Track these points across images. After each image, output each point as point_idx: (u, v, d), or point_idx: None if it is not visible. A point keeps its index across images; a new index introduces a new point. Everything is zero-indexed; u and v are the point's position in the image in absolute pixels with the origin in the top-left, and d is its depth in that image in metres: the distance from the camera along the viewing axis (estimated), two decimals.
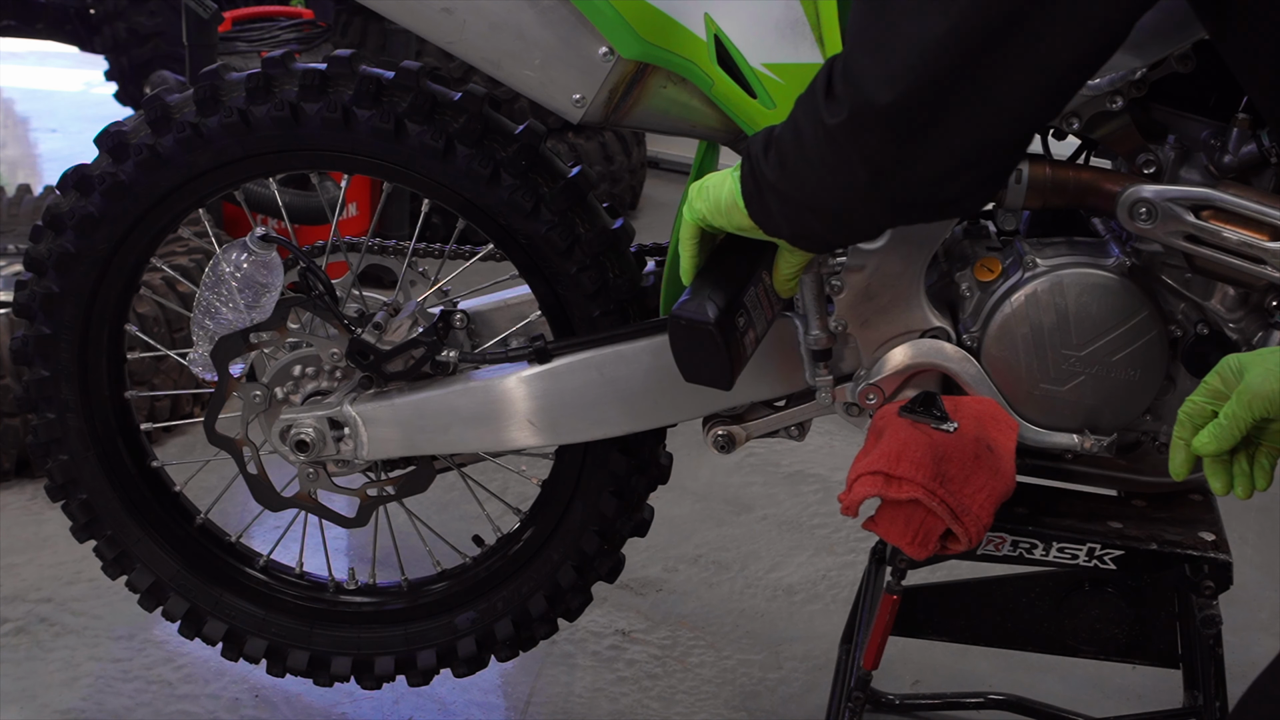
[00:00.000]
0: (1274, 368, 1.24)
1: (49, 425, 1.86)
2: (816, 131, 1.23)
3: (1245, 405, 1.24)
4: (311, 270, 1.73)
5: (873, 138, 1.20)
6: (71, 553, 2.28)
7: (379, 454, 1.76)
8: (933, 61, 1.15)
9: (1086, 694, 2.16)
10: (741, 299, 1.42)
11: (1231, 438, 1.26)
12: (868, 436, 1.55)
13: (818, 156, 1.25)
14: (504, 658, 1.92)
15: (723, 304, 1.39)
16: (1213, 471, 1.31)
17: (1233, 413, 1.25)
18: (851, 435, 1.72)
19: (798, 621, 2.37)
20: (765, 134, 1.35)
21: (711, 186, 1.40)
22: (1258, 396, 1.24)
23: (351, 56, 1.67)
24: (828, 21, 1.48)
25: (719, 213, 1.40)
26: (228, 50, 3.98)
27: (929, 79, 1.16)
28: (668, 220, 1.58)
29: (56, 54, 5.77)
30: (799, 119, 1.27)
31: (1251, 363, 1.26)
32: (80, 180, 1.74)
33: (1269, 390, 1.23)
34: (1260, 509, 2.69)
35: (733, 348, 1.41)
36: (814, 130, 1.24)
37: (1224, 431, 1.27)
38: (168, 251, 2.86)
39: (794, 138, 1.27)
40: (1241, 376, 1.26)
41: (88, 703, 2.08)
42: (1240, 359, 1.27)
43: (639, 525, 1.87)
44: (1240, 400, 1.25)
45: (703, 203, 1.41)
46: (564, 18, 1.54)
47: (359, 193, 3.72)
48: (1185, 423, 1.31)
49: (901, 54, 1.15)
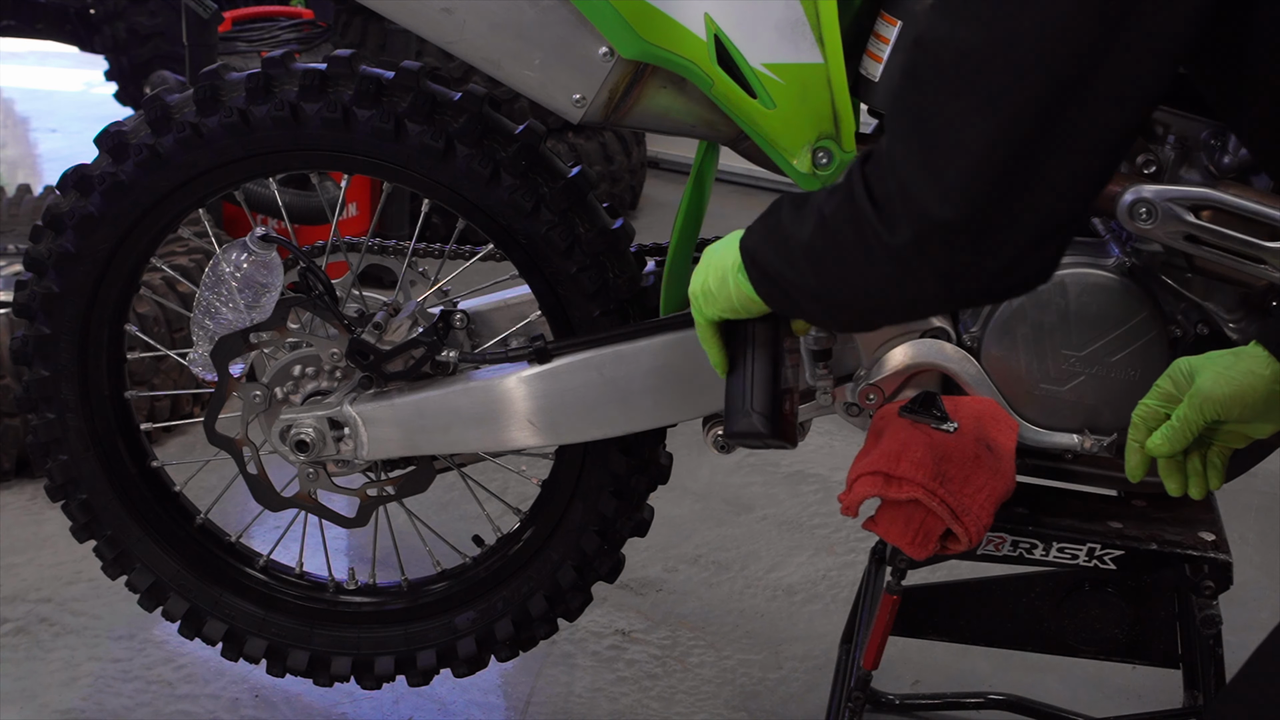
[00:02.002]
0: (1223, 371, 1.29)
1: (49, 425, 1.86)
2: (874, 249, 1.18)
3: (1197, 408, 1.29)
4: (311, 270, 1.72)
5: (943, 252, 1.15)
6: (71, 553, 2.28)
7: (379, 454, 1.76)
8: (991, 165, 1.11)
9: (1086, 694, 2.16)
10: (779, 383, 1.43)
11: (1184, 439, 1.31)
12: (868, 436, 1.55)
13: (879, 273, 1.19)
14: (504, 658, 1.92)
15: (767, 406, 1.41)
16: (1167, 472, 1.36)
17: (1185, 415, 1.30)
18: (851, 435, 1.72)
19: (798, 621, 2.37)
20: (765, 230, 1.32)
21: (715, 288, 1.38)
22: (1209, 400, 1.29)
23: (351, 56, 1.67)
24: (827, 21, 1.48)
25: (734, 309, 1.39)
26: (228, 50, 3.99)
27: (991, 183, 1.11)
28: (668, 220, 1.58)
29: (56, 54, 5.77)
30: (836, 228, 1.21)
31: (1202, 366, 1.31)
32: (80, 180, 1.74)
33: (1220, 394, 1.28)
34: (1260, 509, 2.69)
35: (786, 428, 1.44)
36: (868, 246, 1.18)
37: (1176, 434, 1.31)
38: (168, 251, 2.86)
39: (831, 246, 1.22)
40: (1193, 380, 1.31)
41: (88, 703, 2.08)
42: (1191, 362, 1.32)
43: (639, 525, 1.87)
44: (1192, 403, 1.29)
45: (713, 306, 1.40)
46: (564, 18, 1.54)
47: (359, 193, 3.72)
48: (1139, 425, 1.35)
49: (958, 165, 1.11)
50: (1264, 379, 1.28)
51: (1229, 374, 1.28)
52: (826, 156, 1.53)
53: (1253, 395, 1.28)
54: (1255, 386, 1.28)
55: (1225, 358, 1.30)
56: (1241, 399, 1.28)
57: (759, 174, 4.47)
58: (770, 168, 1.63)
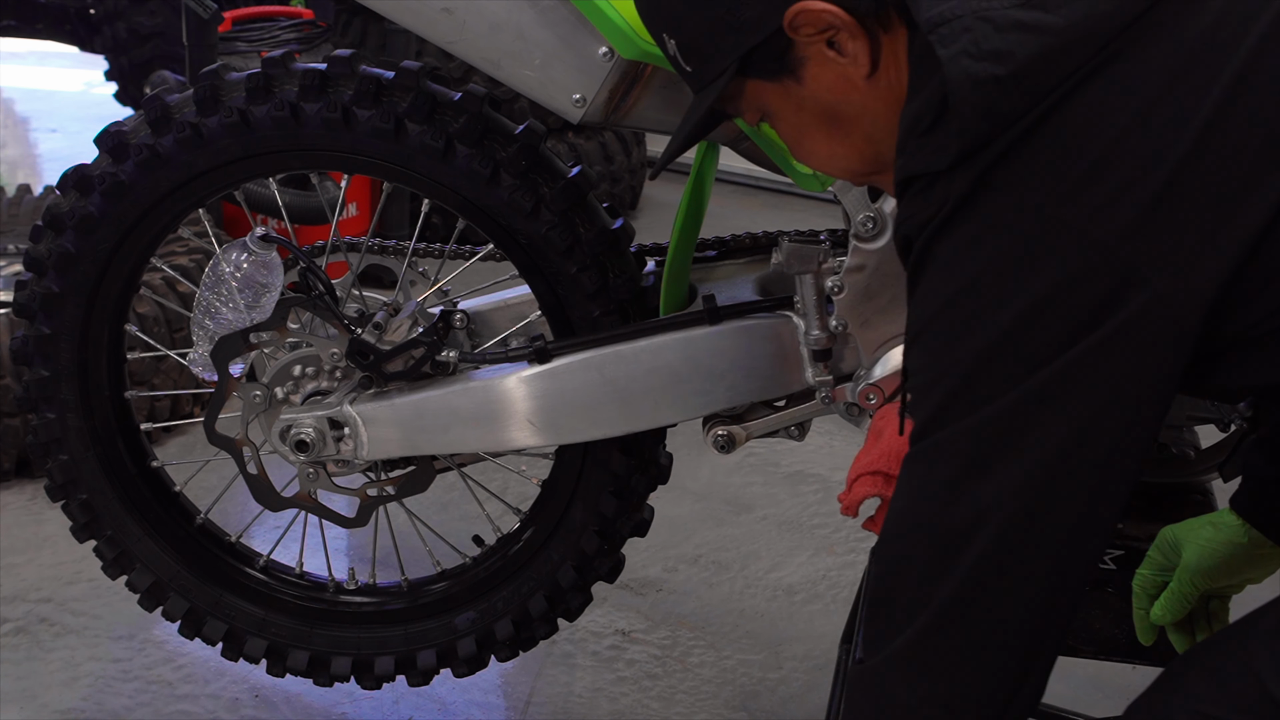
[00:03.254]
0: (1205, 545, 1.34)
1: (49, 425, 1.86)
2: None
3: (1188, 583, 1.35)
4: (311, 270, 1.72)
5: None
6: (71, 553, 2.28)
7: (379, 454, 1.76)
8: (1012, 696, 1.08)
9: (1086, 694, 2.16)
10: None
11: (1182, 609, 1.36)
12: (868, 436, 1.55)
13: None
14: (504, 658, 1.92)
15: None
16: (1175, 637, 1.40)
17: (1179, 591, 1.36)
18: (851, 435, 1.72)
19: (798, 621, 2.37)
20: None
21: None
22: (1198, 574, 1.34)
23: (351, 56, 1.67)
24: None
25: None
26: (228, 50, 3.99)
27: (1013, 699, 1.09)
28: (668, 220, 1.58)
29: (56, 54, 5.78)
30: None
31: (1185, 538, 1.36)
32: (80, 180, 1.74)
33: (1206, 567, 1.34)
34: None
35: None
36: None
37: (1176, 604, 1.36)
38: (168, 251, 2.86)
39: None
40: (1179, 553, 1.36)
41: (88, 703, 2.08)
42: (1175, 533, 1.37)
43: (639, 525, 1.87)
44: (1182, 579, 1.35)
45: None
46: (564, 18, 1.54)
47: (359, 193, 3.72)
48: (1140, 595, 1.41)
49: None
50: (1244, 547, 1.33)
51: (1211, 548, 1.33)
52: None
53: (1237, 562, 1.33)
54: (1237, 555, 1.33)
55: (1206, 530, 1.34)
56: (1228, 568, 1.33)
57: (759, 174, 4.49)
58: (770, 168, 1.63)
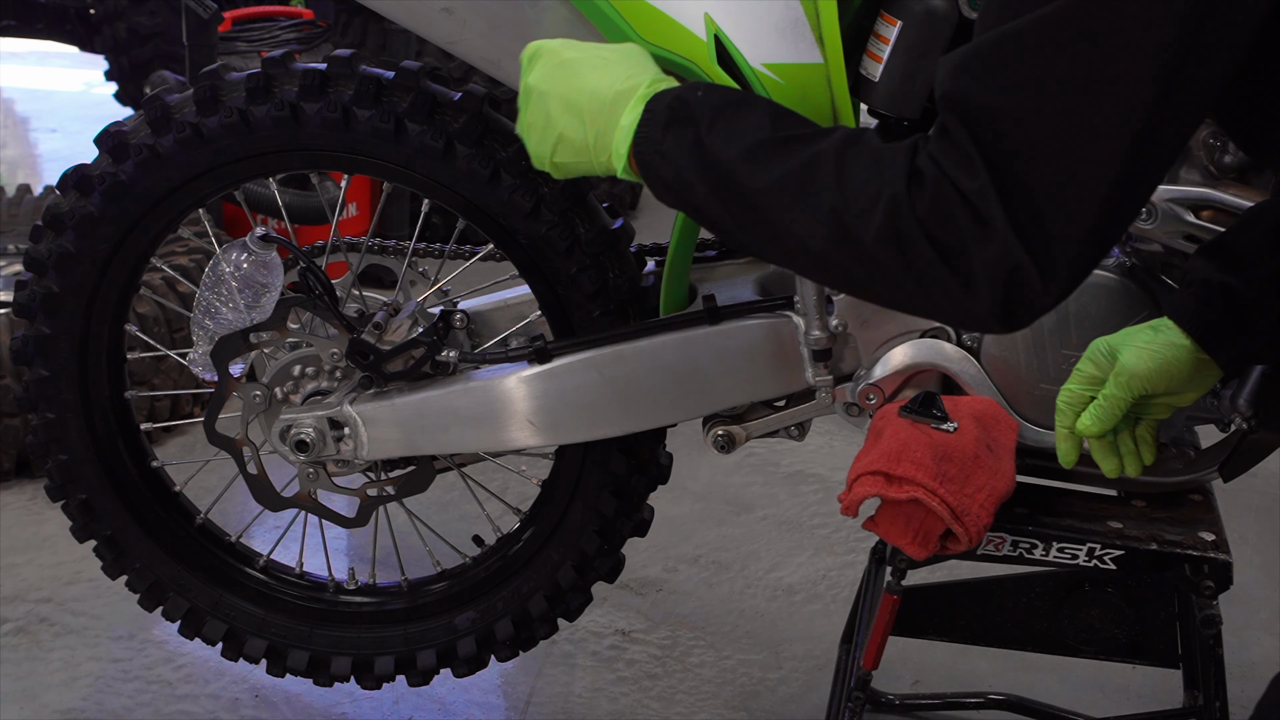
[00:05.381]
0: (1145, 346, 1.28)
1: (49, 425, 1.86)
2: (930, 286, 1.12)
3: (1124, 385, 1.29)
4: (311, 270, 1.72)
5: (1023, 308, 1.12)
6: (71, 553, 2.27)
7: (379, 454, 1.76)
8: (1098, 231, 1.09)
9: (1086, 694, 2.16)
10: None
11: (1112, 418, 1.30)
12: (868, 436, 1.55)
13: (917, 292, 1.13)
14: (504, 658, 1.92)
15: None
16: (1101, 454, 1.35)
17: (1111, 394, 1.29)
18: (851, 435, 1.72)
19: (798, 621, 2.37)
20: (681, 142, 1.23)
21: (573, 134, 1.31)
22: (1135, 376, 1.28)
23: (351, 56, 1.67)
24: (827, 21, 1.48)
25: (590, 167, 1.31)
26: (228, 50, 3.99)
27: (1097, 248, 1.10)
28: (668, 220, 1.57)
29: (56, 54, 5.77)
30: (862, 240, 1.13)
31: (1122, 343, 1.30)
32: (80, 180, 1.74)
33: (1145, 369, 1.27)
34: (1260, 509, 2.69)
35: None
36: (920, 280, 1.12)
37: (1104, 412, 1.30)
38: (168, 251, 2.86)
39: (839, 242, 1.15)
40: (1114, 358, 1.30)
41: (88, 703, 2.08)
42: (1109, 341, 1.31)
43: (639, 525, 1.87)
44: (1118, 381, 1.28)
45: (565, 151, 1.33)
46: (564, 18, 1.54)
47: (359, 193, 3.72)
48: (1065, 411, 1.34)
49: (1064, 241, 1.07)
50: (1186, 349, 1.28)
51: (1151, 349, 1.28)
52: None
53: (1177, 366, 1.28)
54: (1179, 358, 1.28)
55: (1144, 333, 1.29)
56: (1166, 372, 1.28)
57: None
58: None
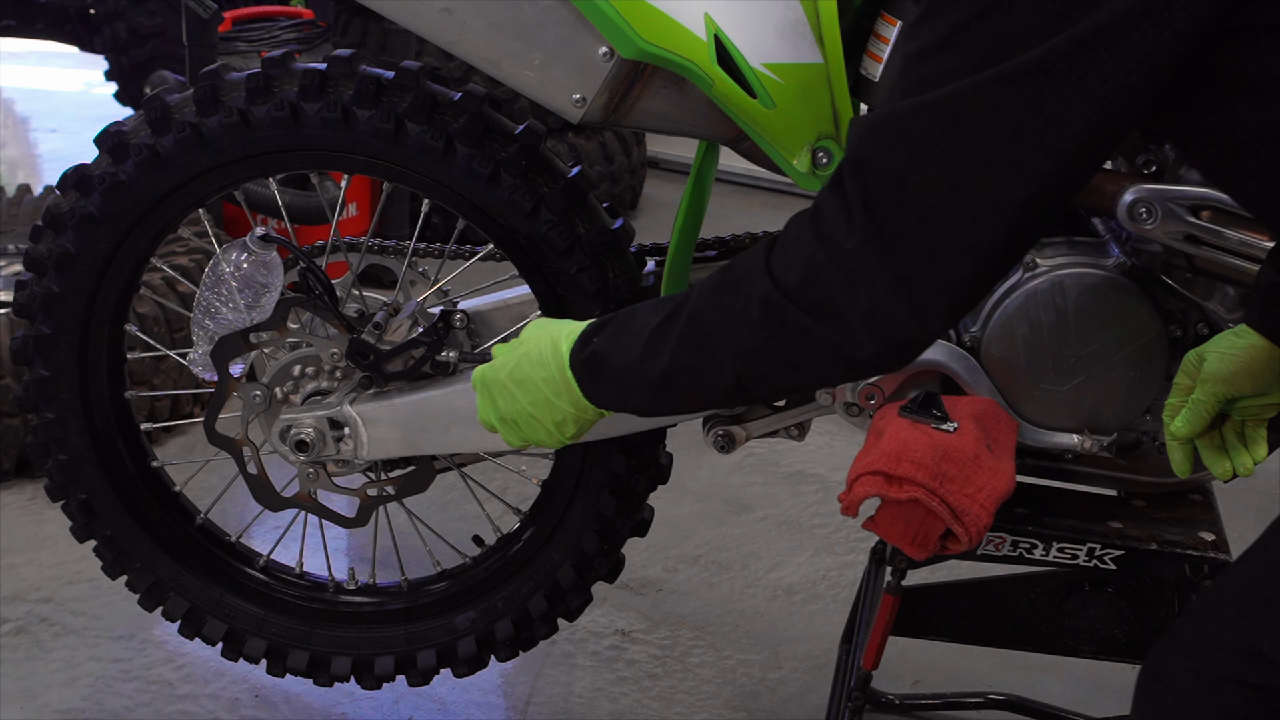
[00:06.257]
0: (1227, 350, 1.34)
1: (49, 425, 1.86)
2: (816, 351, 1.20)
3: (1208, 391, 1.35)
4: (311, 270, 1.72)
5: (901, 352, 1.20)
6: (71, 553, 2.27)
7: (379, 454, 1.76)
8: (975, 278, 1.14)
9: (1086, 694, 2.16)
10: None
11: (1201, 420, 1.36)
12: (868, 436, 1.55)
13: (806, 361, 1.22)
14: (504, 658, 1.92)
15: None
16: (1210, 459, 1.40)
17: (1197, 399, 1.36)
18: (851, 435, 1.72)
19: (798, 621, 2.37)
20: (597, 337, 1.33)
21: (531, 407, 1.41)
22: (1216, 379, 1.34)
23: (351, 56, 1.67)
24: (828, 21, 1.48)
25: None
26: (228, 50, 3.99)
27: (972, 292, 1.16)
28: (668, 220, 1.58)
29: (56, 54, 5.77)
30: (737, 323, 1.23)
31: (1208, 350, 1.36)
32: (80, 180, 1.74)
33: (1226, 371, 1.33)
34: (1260, 509, 2.69)
35: None
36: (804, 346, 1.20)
37: (1194, 414, 1.36)
38: (168, 251, 2.86)
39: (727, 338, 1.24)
40: (1202, 365, 1.36)
41: (88, 703, 2.08)
42: (1199, 351, 1.37)
43: (639, 525, 1.87)
44: (1203, 386, 1.35)
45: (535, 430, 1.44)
46: (564, 18, 1.54)
47: (359, 193, 3.72)
48: (1166, 422, 1.40)
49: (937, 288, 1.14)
50: (1264, 350, 1.32)
51: (1232, 353, 1.33)
52: (826, 156, 1.53)
53: (1258, 368, 1.32)
54: (1258, 359, 1.32)
55: (1228, 338, 1.35)
56: (1249, 373, 1.32)
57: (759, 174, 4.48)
58: (770, 168, 1.63)
